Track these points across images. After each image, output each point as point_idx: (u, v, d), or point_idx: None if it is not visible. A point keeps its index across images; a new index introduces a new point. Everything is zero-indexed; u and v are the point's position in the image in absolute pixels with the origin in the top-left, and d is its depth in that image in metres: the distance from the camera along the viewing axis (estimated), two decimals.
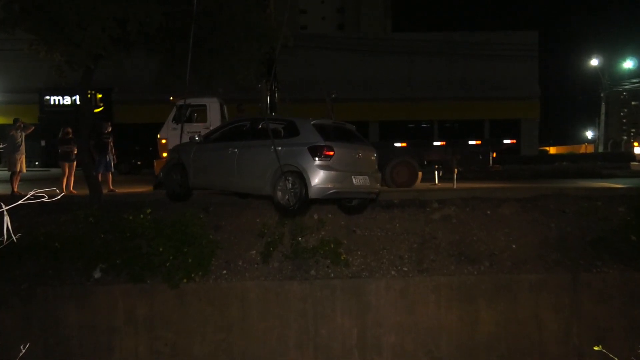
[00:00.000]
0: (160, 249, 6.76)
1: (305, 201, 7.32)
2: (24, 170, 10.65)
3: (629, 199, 7.93)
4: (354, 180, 7.50)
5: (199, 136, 8.85)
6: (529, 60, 28.30)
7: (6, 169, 10.67)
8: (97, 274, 6.92)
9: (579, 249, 7.35)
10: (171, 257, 6.76)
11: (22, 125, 10.47)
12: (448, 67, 27.82)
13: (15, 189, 10.16)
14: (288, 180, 7.40)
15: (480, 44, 26.80)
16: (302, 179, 7.27)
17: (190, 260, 6.77)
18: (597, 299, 6.91)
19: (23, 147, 10.49)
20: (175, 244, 6.80)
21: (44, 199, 1.93)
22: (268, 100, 11.75)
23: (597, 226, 7.73)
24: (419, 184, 11.49)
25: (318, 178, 7.20)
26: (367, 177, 7.70)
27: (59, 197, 1.98)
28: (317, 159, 7.25)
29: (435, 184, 11.83)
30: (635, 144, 13.82)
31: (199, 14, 7.53)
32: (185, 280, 6.72)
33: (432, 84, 27.41)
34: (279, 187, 7.47)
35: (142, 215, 7.06)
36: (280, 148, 7.38)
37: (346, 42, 28.16)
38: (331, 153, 7.31)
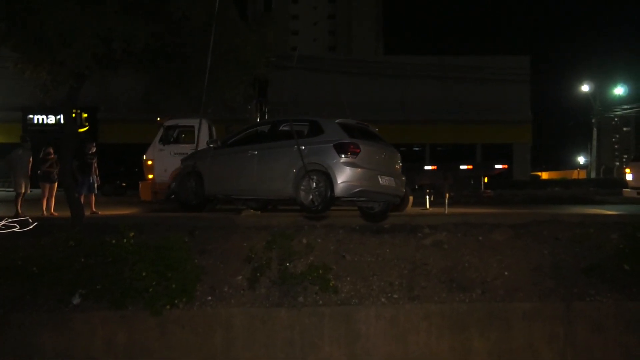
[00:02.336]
0: (143, 274, 6.66)
1: (330, 200, 7.20)
2: (29, 191, 10.67)
3: (622, 226, 7.99)
4: (380, 180, 7.41)
5: (215, 141, 8.73)
6: (521, 85, 28.89)
7: (11, 189, 10.68)
8: (76, 300, 6.78)
9: (572, 277, 7.36)
10: (154, 283, 6.66)
11: (29, 145, 10.54)
12: (440, 91, 28.26)
13: (20, 211, 10.10)
14: (312, 179, 7.31)
15: (473, 68, 27.33)
16: (328, 178, 7.18)
17: (174, 285, 6.67)
18: (591, 328, 6.89)
19: (29, 168, 10.53)
20: (158, 268, 6.71)
21: (14, 229, 1.91)
22: (258, 120, 11.82)
23: (591, 254, 7.77)
24: (410, 208, 11.52)
25: (344, 176, 7.11)
26: (392, 179, 7.62)
27: (32, 226, 1.95)
28: (343, 156, 7.19)
29: (427, 209, 11.87)
30: (627, 170, 14.01)
31: (187, 34, 7.61)
32: (168, 307, 6.60)
33: (424, 107, 27.78)
34: (302, 187, 7.38)
35: (124, 239, 6.97)
36: (303, 147, 7.29)
37: (338, 64, 28.55)
38: (358, 150, 7.26)
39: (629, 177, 13.44)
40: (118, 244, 6.95)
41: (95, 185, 11.25)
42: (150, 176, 11.80)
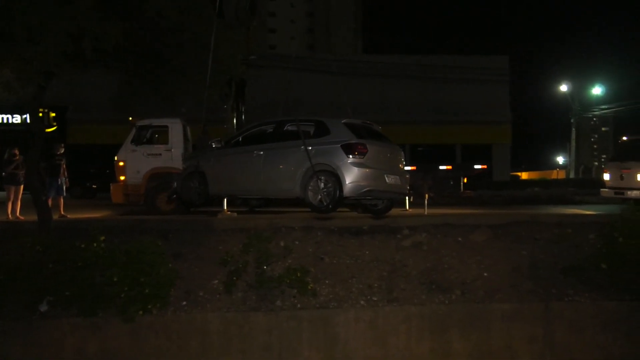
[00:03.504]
0: (115, 279, 6.57)
1: (339, 200, 7.34)
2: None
3: (600, 226, 8.20)
4: (386, 179, 7.64)
5: (218, 141, 8.80)
6: (500, 85, 29.37)
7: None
8: (43, 307, 6.66)
9: (551, 278, 7.53)
10: (126, 288, 6.58)
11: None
12: (420, 91, 28.55)
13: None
14: (320, 179, 7.47)
15: (452, 67, 27.68)
16: (336, 178, 7.36)
17: (147, 290, 6.59)
18: (570, 329, 7.05)
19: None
20: (130, 273, 6.63)
21: None
22: (235, 121, 11.77)
23: (569, 254, 7.95)
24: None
25: (353, 176, 7.33)
26: (398, 177, 7.82)
27: None
28: (351, 156, 7.39)
29: (406, 210, 11.98)
30: (605, 170, 14.38)
31: (161, 32, 7.55)
32: (141, 313, 6.53)
33: (404, 107, 28.02)
34: (310, 188, 7.52)
35: (95, 243, 6.86)
36: (310, 148, 7.40)
37: (316, 63, 28.60)
38: (365, 150, 7.47)
39: (606, 177, 13.79)
40: (88, 248, 6.84)
41: (64, 187, 11.08)
42: (122, 178, 11.64)
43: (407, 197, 12.19)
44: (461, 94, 28.19)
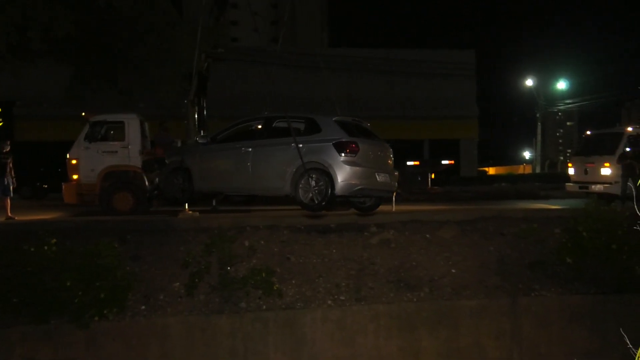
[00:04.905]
0: (68, 284, 6.40)
1: (331, 199, 7.41)
2: None
3: (564, 220, 8.47)
4: (377, 177, 7.79)
5: (204, 137, 8.76)
6: (466, 80, 29.92)
7: None
8: None
9: (517, 273, 7.74)
10: (80, 293, 6.41)
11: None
12: (387, 85, 28.80)
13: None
14: (311, 177, 7.51)
15: (419, 61, 28.02)
16: (328, 176, 7.45)
17: (102, 295, 6.45)
18: (536, 323, 7.26)
19: None
20: (85, 277, 6.47)
21: None
22: (196, 117, 11.59)
23: (535, 249, 8.20)
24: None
25: (345, 174, 7.45)
26: (387, 175, 7.95)
27: None
28: (343, 154, 7.49)
29: None
30: (570, 164, 14.87)
31: (113, 23, 7.37)
32: (96, 319, 6.38)
33: (370, 102, 28.21)
34: (300, 186, 7.57)
35: (46, 247, 6.67)
36: (301, 145, 7.45)
37: (281, 57, 28.46)
38: (357, 149, 7.58)
39: (571, 171, 14.26)
40: (38, 251, 6.64)
41: (11, 187, 10.68)
42: (75, 177, 11.30)
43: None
44: (428, 88, 28.60)
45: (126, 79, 8.66)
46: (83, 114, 11.78)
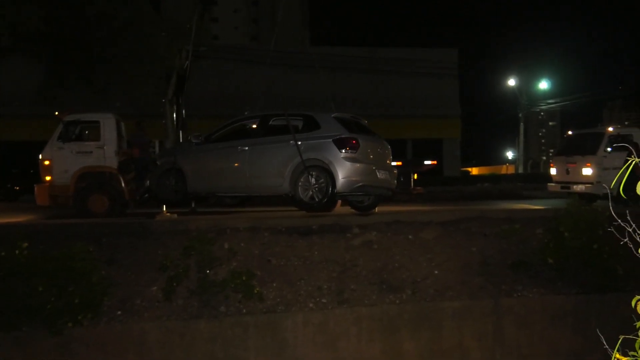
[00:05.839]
0: (40, 289, 6.29)
1: (332, 196, 7.40)
2: None
3: (546, 220, 8.59)
4: (378, 174, 7.79)
5: (197, 137, 8.67)
6: (449, 79, 30.13)
7: None
8: None
9: (500, 273, 7.82)
10: (53, 299, 6.31)
11: None
12: (369, 84, 28.87)
13: None
14: (311, 175, 7.49)
15: (401, 60, 28.13)
16: (329, 173, 7.45)
17: (76, 300, 6.35)
18: (519, 324, 7.36)
19: None
20: (58, 282, 6.37)
21: None
22: (174, 116, 11.49)
23: (517, 249, 8.30)
24: (339, 207, 11.70)
25: (346, 171, 7.49)
26: (387, 172, 7.97)
27: None
28: (343, 151, 7.53)
29: None
30: (552, 164, 15.09)
31: (90, 19, 7.27)
32: (70, 325, 6.28)
33: (353, 101, 28.24)
34: (300, 184, 7.54)
35: (17, 250, 6.54)
36: (299, 142, 7.43)
37: (262, 55, 28.37)
38: (358, 145, 7.63)
39: (552, 171, 14.47)
40: (9, 256, 6.50)
41: None
42: (48, 178, 11.12)
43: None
44: (411, 87, 28.73)
45: (101, 77, 8.54)
46: (56, 113, 11.59)
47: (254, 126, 8.66)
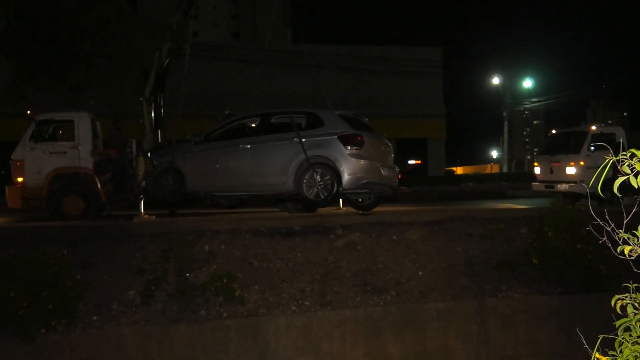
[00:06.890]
0: (12, 295, 6.19)
1: (337, 193, 7.46)
2: None
3: (530, 220, 8.70)
4: (382, 171, 7.86)
5: (196, 136, 8.61)
6: (433, 78, 30.35)
7: None
8: None
9: (485, 274, 7.90)
10: (25, 304, 6.21)
11: None
12: (353, 83, 28.94)
13: None
14: (316, 172, 7.52)
15: (385, 58, 28.27)
16: (334, 170, 7.49)
17: (50, 306, 6.27)
18: (503, 325, 7.44)
19: None
20: (31, 287, 6.27)
21: None
22: (153, 115, 11.37)
23: (502, 249, 8.39)
24: (322, 207, 11.71)
25: (351, 167, 7.58)
26: (391, 170, 8.04)
27: None
28: (349, 147, 7.61)
29: (340, 208, 12.11)
30: (536, 163, 15.29)
31: (61, 14, 7.16)
32: (44, 331, 6.21)
33: (336, 100, 28.23)
34: (305, 181, 7.55)
35: None
36: (303, 140, 7.47)
37: (243, 53, 28.26)
38: (362, 142, 7.69)
39: (537, 170, 14.66)
40: None
41: None
42: (20, 179, 10.93)
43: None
44: (394, 86, 28.88)
45: (75, 75, 8.40)
46: (28, 112, 11.41)
47: (254, 125, 8.71)
